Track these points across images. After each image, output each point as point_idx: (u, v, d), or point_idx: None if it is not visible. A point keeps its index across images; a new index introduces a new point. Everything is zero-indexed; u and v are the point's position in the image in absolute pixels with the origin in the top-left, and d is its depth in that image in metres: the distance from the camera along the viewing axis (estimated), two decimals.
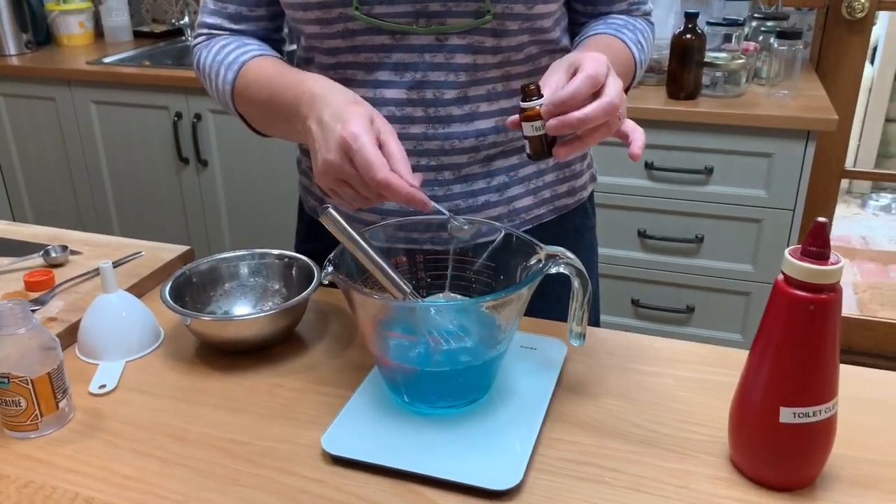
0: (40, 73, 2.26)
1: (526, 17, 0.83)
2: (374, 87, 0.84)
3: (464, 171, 0.89)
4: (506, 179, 0.91)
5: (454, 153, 0.87)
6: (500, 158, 0.90)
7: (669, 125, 1.76)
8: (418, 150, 0.86)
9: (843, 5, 2.09)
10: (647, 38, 0.95)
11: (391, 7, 0.80)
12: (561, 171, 0.97)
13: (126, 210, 2.36)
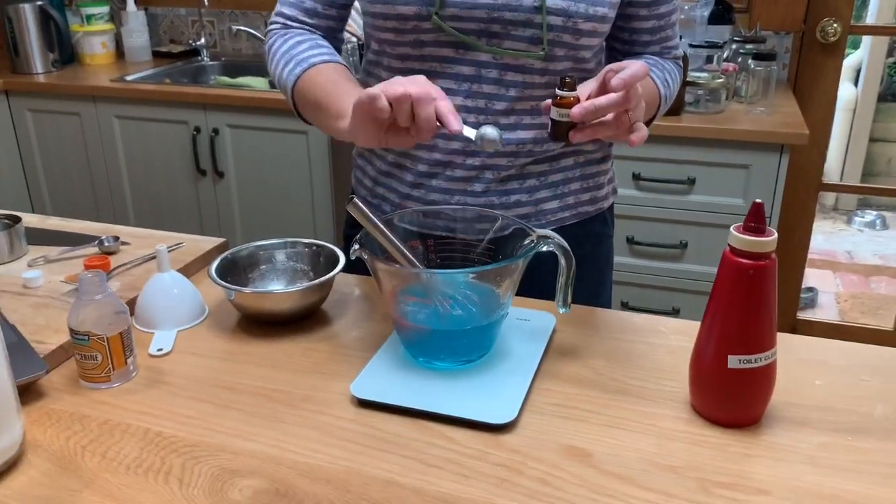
0: (67, 89, 2.41)
1: (571, 47, 0.96)
2: None
3: (502, 174, 1.02)
4: (536, 183, 1.05)
5: (496, 157, 1.01)
6: (533, 165, 1.04)
7: (655, 139, 1.91)
8: (466, 151, 1.00)
9: (817, 29, 2.24)
10: (674, 78, 1.08)
11: (461, 23, 0.93)
12: (585, 182, 1.10)
13: (144, 219, 2.50)
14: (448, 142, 1.00)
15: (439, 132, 0.83)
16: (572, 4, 0.93)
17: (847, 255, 3.71)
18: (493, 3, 0.93)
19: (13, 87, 2.46)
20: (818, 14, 2.23)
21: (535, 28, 0.94)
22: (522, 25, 0.94)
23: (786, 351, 0.83)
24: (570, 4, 0.93)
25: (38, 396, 0.81)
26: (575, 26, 0.94)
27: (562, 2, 0.92)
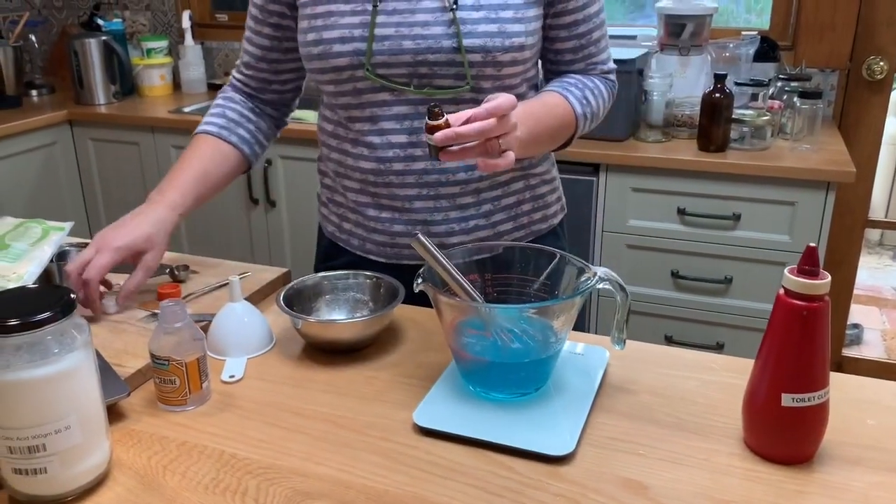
0: (127, 120, 2.51)
1: (496, 77, 1.04)
2: (380, 134, 1.06)
3: (457, 201, 1.10)
4: (491, 208, 1.13)
5: (449, 185, 1.08)
6: (486, 191, 1.12)
7: (700, 175, 1.93)
8: (420, 182, 1.08)
9: (863, 67, 2.25)
10: (596, 94, 1.12)
11: (391, 69, 1.02)
12: (535, 202, 1.18)
13: (197, 246, 2.58)
14: (403, 187, 1.09)
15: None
16: (489, 41, 1.00)
17: (893, 292, 3.65)
18: (417, 48, 1.01)
19: (77, 118, 2.57)
20: (864, 52, 2.24)
21: (458, 66, 1.01)
22: (446, 65, 1.01)
23: (838, 390, 0.85)
24: (486, 41, 1.00)
25: (120, 417, 0.86)
26: (494, 59, 1.01)
27: (478, 40, 1.00)
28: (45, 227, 1.14)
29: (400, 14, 1.02)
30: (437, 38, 1.01)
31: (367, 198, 1.13)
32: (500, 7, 1.01)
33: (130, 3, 3.03)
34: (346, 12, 1.03)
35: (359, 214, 1.15)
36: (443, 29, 1.01)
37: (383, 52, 1.02)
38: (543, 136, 1.05)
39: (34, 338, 0.68)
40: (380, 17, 1.02)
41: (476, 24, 1.00)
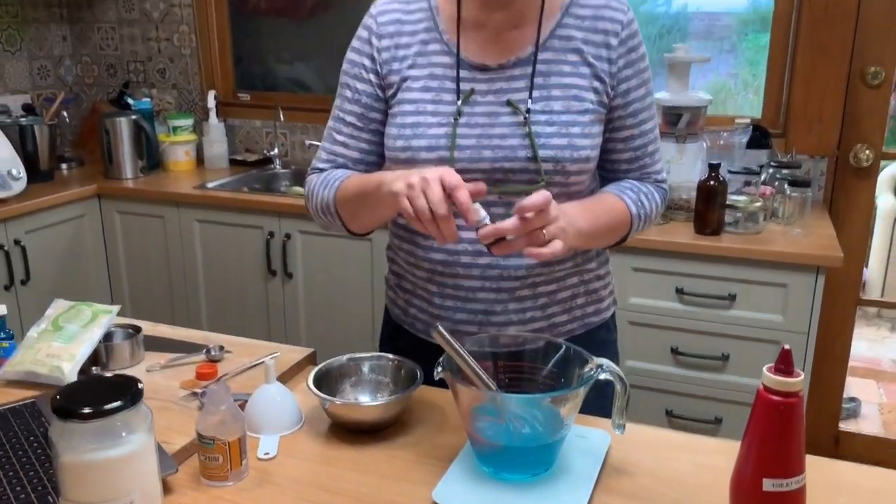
0: (153, 195, 2.65)
1: (563, 185, 1.15)
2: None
3: (516, 294, 1.19)
4: (547, 301, 1.22)
5: (509, 279, 1.18)
6: (543, 285, 1.20)
7: (697, 257, 2.04)
8: (483, 275, 1.17)
9: (850, 155, 2.39)
10: (650, 198, 1.22)
11: (470, 174, 1.11)
12: (589, 296, 1.27)
13: (215, 316, 2.68)
14: (469, 278, 1.18)
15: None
16: (559, 152, 1.12)
17: (892, 364, 3.72)
18: (494, 157, 1.13)
19: (105, 192, 2.71)
20: (851, 140, 2.38)
21: (531, 174, 1.12)
22: (520, 172, 1.13)
23: (816, 472, 0.93)
24: (557, 152, 1.12)
25: (168, 491, 0.95)
26: (564, 169, 1.13)
27: (550, 151, 1.12)
28: (94, 310, 1.25)
29: (480, 127, 1.14)
30: (513, 149, 1.13)
31: (434, 286, 1.22)
32: (570, 123, 1.13)
33: (158, 81, 3.21)
34: (432, 124, 1.14)
35: (425, 301, 1.24)
36: (518, 141, 1.12)
37: (464, 159, 1.13)
38: (601, 230, 1.15)
39: (106, 424, 0.78)
40: (461, 129, 1.14)
41: (549, 138, 1.12)
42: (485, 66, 1.16)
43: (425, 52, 1.18)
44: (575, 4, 1.16)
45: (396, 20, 1.20)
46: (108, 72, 3.29)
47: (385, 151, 1.20)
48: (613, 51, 1.15)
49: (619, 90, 1.16)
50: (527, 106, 1.13)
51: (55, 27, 3.24)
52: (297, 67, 3.19)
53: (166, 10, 3.11)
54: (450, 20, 1.18)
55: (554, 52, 1.15)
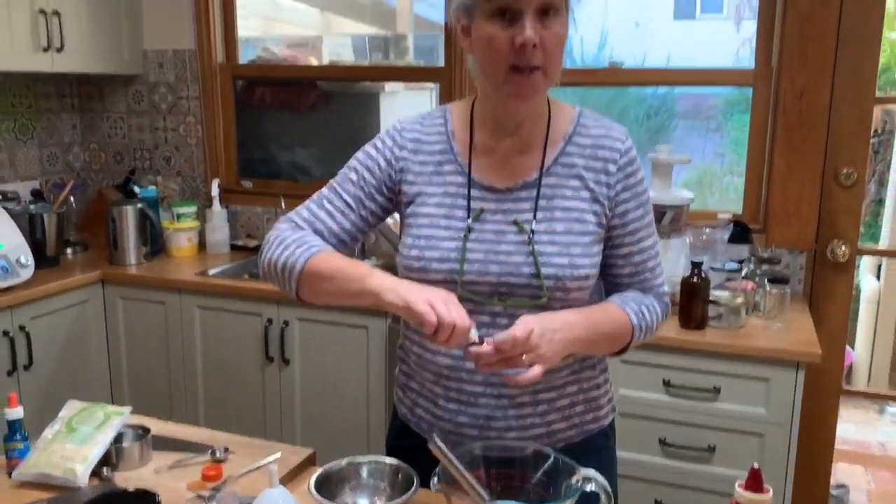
0: (156, 281, 2.73)
1: (564, 300, 1.23)
2: None
3: (516, 400, 1.26)
4: (546, 408, 1.28)
5: (511, 387, 1.24)
6: (543, 393, 1.27)
7: (682, 350, 2.12)
8: (486, 382, 1.24)
9: (827, 250, 2.50)
10: (651, 310, 1.30)
11: (477, 287, 1.22)
12: (588, 404, 1.33)
13: (212, 400, 2.73)
14: (472, 384, 1.25)
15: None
16: (560, 270, 1.21)
17: (880, 447, 3.76)
18: (500, 272, 1.22)
19: (109, 278, 2.79)
20: (827, 236, 2.50)
21: (534, 289, 1.21)
22: (524, 287, 1.22)
23: None
24: (558, 270, 1.21)
25: None
26: (564, 286, 1.21)
27: (551, 269, 1.21)
28: (106, 412, 1.31)
29: (488, 243, 1.23)
30: (517, 266, 1.22)
31: (440, 389, 1.29)
32: (571, 244, 1.22)
33: (163, 169, 3.33)
34: (444, 237, 1.24)
35: (430, 402, 1.31)
36: (523, 258, 1.22)
37: (472, 272, 1.22)
38: (600, 338, 1.24)
39: None
40: (471, 244, 1.23)
41: (551, 257, 1.21)
42: (494, 188, 1.26)
43: (441, 172, 1.28)
44: (577, 134, 1.28)
45: (416, 139, 1.31)
46: (115, 159, 3.41)
47: (399, 259, 1.29)
48: (612, 176, 1.25)
49: (616, 211, 1.26)
50: (531, 226, 1.23)
51: (66, 116, 3.38)
52: (297, 153, 3.32)
53: (174, 101, 3.26)
54: (463, 144, 1.29)
55: (557, 177, 1.26)
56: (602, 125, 1.29)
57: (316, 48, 3.29)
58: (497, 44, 1.15)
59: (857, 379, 4.42)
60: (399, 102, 3.57)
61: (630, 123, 10.07)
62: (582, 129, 1.28)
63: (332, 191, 1.32)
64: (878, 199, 5.02)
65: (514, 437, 1.26)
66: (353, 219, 1.31)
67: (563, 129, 1.28)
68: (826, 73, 2.36)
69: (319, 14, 5.58)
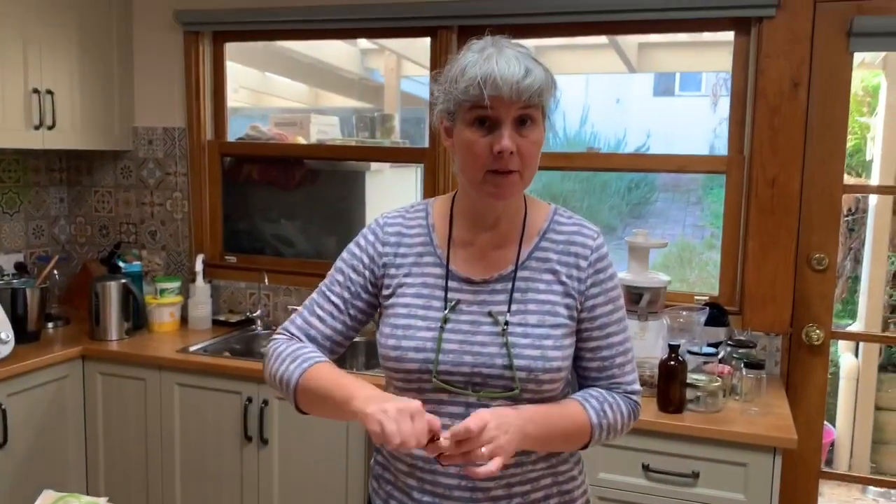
0: (137, 358, 2.72)
1: (536, 392, 1.26)
2: None
3: (491, 493, 1.27)
4: (520, 501, 1.30)
5: (485, 479, 1.24)
6: (518, 486, 1.29)
7: (661, 434, 2.13)
8: (460, 474, 1.25)
9: (802, 333, 2.54)
10: (615, 409, 1.31)
11: (451, 377, 1.25)
12: (562, 497, 1.35)
13: (189, 480, 2.69)
14: (447, 476, 1.27)
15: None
16: (532, 362, 1.24)
17: None
18: (474, 362, 1.25)
19: (89, 353, 2.78)
20: (803, 319, 2.54)
21: (507, 380, 1.24)
22: (497, 378, 1.25)
23: None
24: (530, 363, 1.24)
25: None
26: (536, 378, 1.25)
27: (524, 361, 1.24)
28: (82, 502, 1.30)
29: (463, 333, 1.27)
30: (491, 356, 1.25)
31: (414, 481, 1.30)
32: (543, 336, 1.26)
33: (148, 243, 3.36)
34: (421, 327, 1.28)
35: (405, 494, 1.32)
36: (497, 349, 1.25)
37: (447, 362, 1.25)
38: (553, 436, 1.25)
39: None
40: (446, 335, 1.27)
41: (523, 349, 1.25)
42: (470, 280, 1.30)
43: (420, 263, 1.33)
44: (551, 230, 1.33)
45: (398, 232, 1.36)
46: (101, 232, 3.44)
47: (379, 349, 1.31)
48: (583, 272, 1.30)
49: (586, 305, 1.30)
50: (506, 318, 1.26)
51: (54, 190, 3.42)
52: (283, 228, 3.36)
53: (162, 177, 3.31)
54: (443, 237, 1.34)
55: (531, 270, 1.30)
56: (575, 222, 1.35)
57: (304, 127, 3.37)
58: (476, 149, 1.21)
59: (840, 456, 4.42)
60: (385, 180, 3.65)
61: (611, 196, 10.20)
62: (556, 226, 1.34)
63: (321, 295, 1.37)
64: (853, 276, 5.11)
65: None
66: (344, 319, 1.35)
67: (538, 225, 1.34)
68: (796, 162, 2.46)
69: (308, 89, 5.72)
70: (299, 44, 4.11)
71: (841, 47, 2.42)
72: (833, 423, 4.45)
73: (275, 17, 3.00)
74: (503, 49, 1.20)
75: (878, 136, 4.14)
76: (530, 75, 1.18)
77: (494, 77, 1.16)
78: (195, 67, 3.18)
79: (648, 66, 4.92)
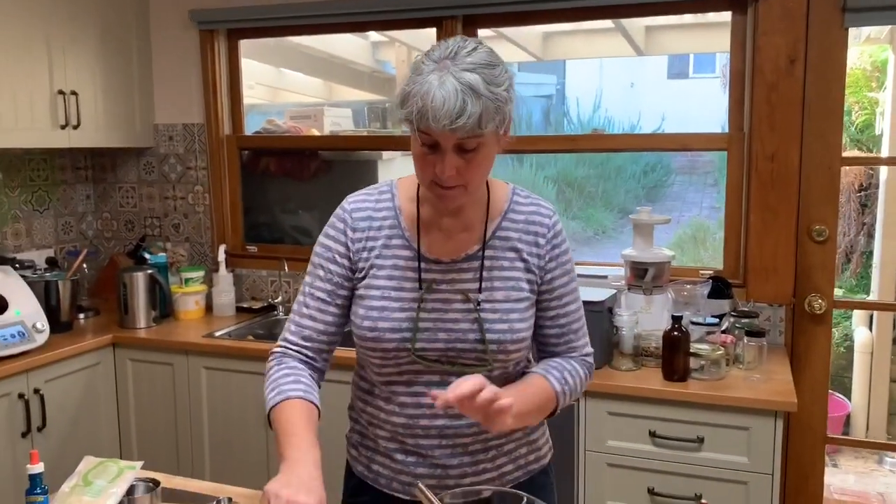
0: (165, 344, 2.85)
1: (503, 361, 1.37)
2: (412, 395, 1.37)
3: (469, 448, 1.39)
4: (496, 453, 1.42)
5: (463, 436, 1.37)
6: (493, 439, 1.41)
7: (666, 402, 2.22)
8: (441, 434, 1.37)
9: (805, 303, 2.61)
10: (574, 375, 1.42)
11: (427, 352, 1.35)
12: (530, 446, 1.48)
13: (217, 456, 2.82)
14: (427, 437, 1.37)
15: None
16: (502, 335, 1.35)
17: (879, 498, 3.79)
18: (448, 338, 1.35)
19: (119, 341, 2.91)
20: (804, 290, 2.61)
21: (479, 353, 1.34)
22: (470, 351, 1.35)
23: None
24: (500, 335, 1.35)
25: None
26: (506, 349, 1.35)
27: (495, 335, 1.35)
28: (119, 467, 1.42)
29: (437, 312, 1.36)
30: (464, 332, 1.35)
31: (395, 444, 1.41)
32: (510, 310, 1.36)
33: (172, 235, 3.49)
34: (395, 308, 1.36)
35: (387, 458, 1.42)
36: (468, 325, 1.35)
37: (422, 339, 1.35)
38: (531, 411, 1.35)
39: None
40: (422, 314, 1.35)
41: (493, 324, 1.35)
42: (439, 261, 1.39)
43: (390, 246, 1.40)
44: (511, 210, 1.42)
45: (368, 217, 1.41)
46: (127, 226, 3.58)
47: (353, 329, 1.40)
48: (542, 248, 1.40)
49: (545, 279, 1.41)
50: (477, 297, 1.36)
51: (81, 187, 3.56)
52: (300, 218, 3.48)
53: (183, 172, 3.43)
54: (410, 219, 1.41)
55: (495, 249, 1.40)
56: (532, 202, 1.44)
57: (318, 119, 3.48)
58: (421, 162, 1.27)
59: (856, 428, 4.47)
60: (396, 168, 3.74)
61: (626, 180, 10.19)
62: (515, 206, 1.43)
63: (306, 295, 1.42)
64: (868, 252, 5.14)
65: (469, 482, 1.38)
66: (333, 311, 1.41)
67: (500, 207, 1.42)
68: (794, 138, 2.52)
69: (322, 83, 5.83)
70: (311, 39, 4.22)
71: (836, 23, 2.48)
72: (848, 397, 4.50)
73: (285, 12, 3.11)
74: (446, 78, 1.17)
75: (888, 110, 4.17)
76: (465, 113, 1.16)
77: (427, 115, 1.17)
78: (211, 64, 3.29)
79: (656, 48, 4.97)
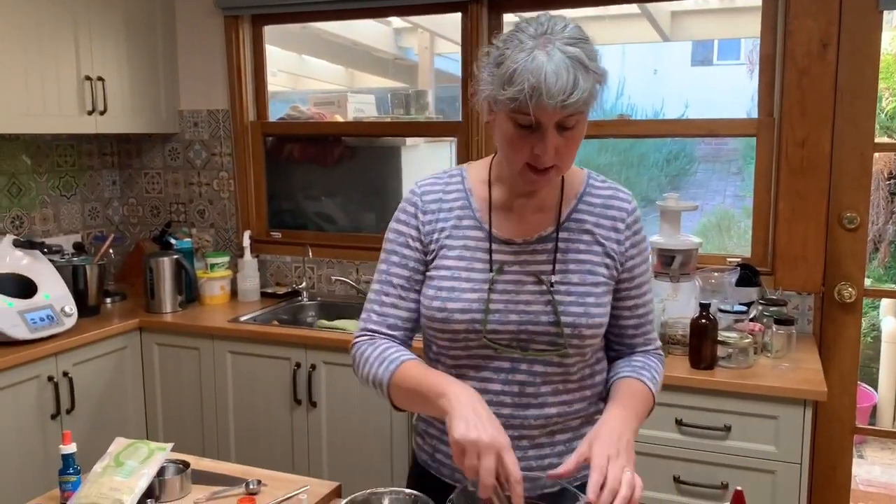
0: (191, 328, 2.87)
1: (579, 347, 1.33)
2: (480, 381, 1.34)
3: (535, 441, 1.36)
4: (563, 449, 1.38)
5: (529, 428, 1.34)
6: (559, 434, 1.37)
7: (693, 390, 2.20)
8: (506, 424, 1.30)
9: (834, 292, 2.57)
10: (658, 372, 1.41)
11: (498, 335, 1.32)
12: None
13: (242, 440, 2.84)
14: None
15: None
16: (577, 318, 1.31)
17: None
18: (520, 320, 1.32)
19: (146, 325, 2.94)
20: (834, 278, 2.57)
21: (553, 336, 1.31)
22: (542, 335, 1.31)
23: None
24: (575, 319, 1.31)
25: None
26: (581, 334, 1.32)
27: (569, 318, 1.31)
28: (150, 448, 1.44)
29: (508, 293, 1.33)
30: (536, 314, 1.32)
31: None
32: (586, 294, 1.33)
33: (198, 221, 3.51)
34: (466, 289, 1.33)
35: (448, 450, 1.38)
36: (541, 307, 1.32)
37: (493, 321, 1.32)
38: (641, 416, 1.33)
39: None
40: (493, 295, 1.33)
41: (567, 306, 1.32)
42: (511, 241, 1.36)
43: (460, 227, 1.38)
44: (587, 194, 1.39)
45: (438, 199, 1.40)
46: (152, 212, 3.60)
47: (422, 311, 1.37)
48: (621, 234, 1.37)
49: (626, 266, 1.38)
50: (551, 279, 1.33)
51: (107, 173, 3.59)
52: (324, 205, 3.49)
53: (208, 158, 3.45)
54: (481, 201, 1.39)
55: (570, 231, 1.37)
56: (609, 186, 1.41)
57: (341, 105, 3.47)
58: (516, 144, 1.23)
59: (882, 419, 4.42)
60: (420, 155, 3.74)
61: (649, 169, 10.09)
62: (591, 189, 1.40)
63: (383, 283, 1.39)
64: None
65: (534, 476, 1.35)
66: (414, 297, 1.38)
67: (575, 189, 1.39)
68: (826, 123, 2.48)
69: (344, 70, 5.83)
70: (334, 25, 4.20)
71: (870, 5, 2.43)
72: (875, 387, 4.45)
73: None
74: (553, 52, 1.15)
75: None
76: (578, 89, 1.14)
77: (541, 91, 1.13)
78: (236, 50, 3.30)
79: (682, 34, 4.90)
